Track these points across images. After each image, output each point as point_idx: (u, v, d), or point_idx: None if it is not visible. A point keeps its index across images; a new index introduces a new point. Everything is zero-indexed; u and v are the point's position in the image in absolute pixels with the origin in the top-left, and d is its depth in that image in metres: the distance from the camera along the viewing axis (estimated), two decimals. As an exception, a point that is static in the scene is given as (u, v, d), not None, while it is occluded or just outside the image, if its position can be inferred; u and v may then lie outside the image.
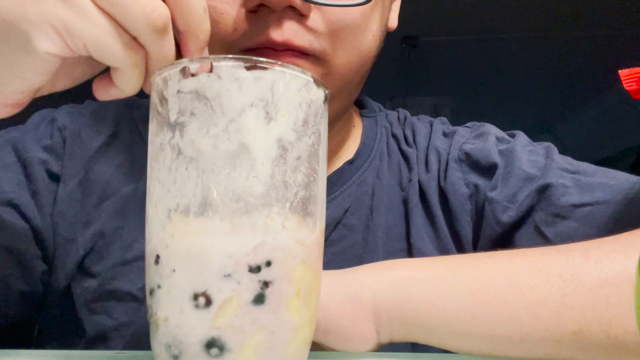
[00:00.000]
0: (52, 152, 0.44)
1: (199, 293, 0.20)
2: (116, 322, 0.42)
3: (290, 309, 0.21)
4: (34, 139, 0.44)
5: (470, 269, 0.33)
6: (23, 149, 0.43)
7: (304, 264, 0.22)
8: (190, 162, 0.21)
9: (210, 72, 0.21)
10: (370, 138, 0.51)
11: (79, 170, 0.44)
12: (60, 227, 0.43)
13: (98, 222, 0.44)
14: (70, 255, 0.43)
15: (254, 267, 0.20)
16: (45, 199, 0.43)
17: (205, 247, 0.20)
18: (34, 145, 0.44)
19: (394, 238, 0.47)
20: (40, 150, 0.44)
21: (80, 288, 0.43)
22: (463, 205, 0.46)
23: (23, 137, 0.44)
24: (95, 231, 0.43)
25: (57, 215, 0.43)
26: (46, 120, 0.46)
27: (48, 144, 0.44)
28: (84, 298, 0.43)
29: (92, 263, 0.43)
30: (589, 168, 0.45)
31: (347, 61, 0.40)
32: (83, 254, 0.43)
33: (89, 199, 0.44)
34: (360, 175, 0.48)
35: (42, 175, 0.43)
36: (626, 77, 0.36)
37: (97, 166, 0.45)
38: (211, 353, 0.21)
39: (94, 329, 0.42)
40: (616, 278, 0.29)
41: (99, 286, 0.42)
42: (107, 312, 0.42)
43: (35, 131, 0.45)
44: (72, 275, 0.43)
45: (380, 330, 0.32)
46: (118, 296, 0.42)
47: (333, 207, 0.46)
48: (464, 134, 0.50)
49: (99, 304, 0.42)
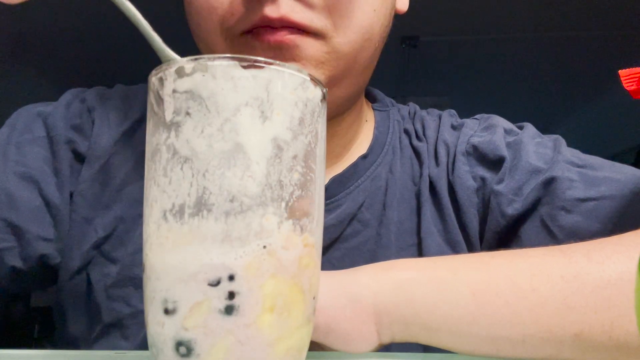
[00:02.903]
0: (80, 131, 0.45)
1: (168, 300, 0.21)
2: (134, 309, 0.42)
3: (261, 323, 0.21)
4: (64, 116, 0.45)
5: (471, 270, 0.32)
6: (52, 125, 0.44)
7: (275, 277, 0.21)
8: (185, 162, 0.21)
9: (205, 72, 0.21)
10: (383, 132, 0.51)
11: (105, 153, 0.45)
12: (79, 206, 0.44)
13: (119, 206, 0.44)
14: (88, 236, 0.43)
15: (217, 280, 0.20)
16: (67, 178, 0.44)
17: (177, 256, 0.21)
18: (63, 123, 0.45)
19: (405, 233, 0.46)
20: (69, 129, 0.45)
21: (100, 274, 0.43)
22: (470, 198, 0.46)
23: (54, 114, 0.45)
24: (116, 215, 0.44)
25: (78, 194, 0.44)
26: (77, 99, 0.47)
27: (77, 123, 0.45)
28: (104, 284, 0.43)
29: (113, 249, 0.43)
30: (596, 161, 0.44)
31: (349, 39, 0.38)
32: (103, 235, 0.43)
33: (112, 182, 0.44)
34: (374, 170, 0.48)
35: (67, 155, 0.44)
36: (626, 77, 0.35)
37: (122, 150, 0.45)
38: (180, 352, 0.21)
39: (110, 315, 0.43)
40: (619, 280, 0.29)
41: (118, 272, 0.43)
42: (125, 299, 0.43)
43: (66, 109, 0.46)
44: (90, 257, 0.43)
45: (381, 331, 0.32)
46: (137, 283, 0.42)
47: (348, 202, 0.46)
48: (472, 127, 0.50)
49: (118, 290, 0.43)
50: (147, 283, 0.22)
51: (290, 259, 0.21)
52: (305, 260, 0.22)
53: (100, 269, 0.43)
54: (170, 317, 0.21)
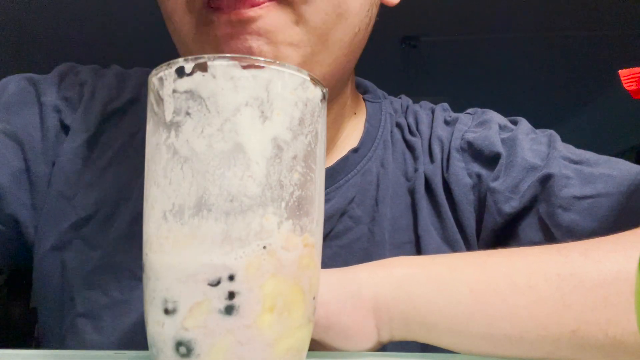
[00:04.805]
0: (69, 103, 0.45)
1: (168, 300, 0.21)
2: (110, 300, 0.41)
3: (261, 324, 0.21)
4: (56, 85, 0.45)
5: (469, 268, 0.33)
6: (43, 91, 0.44)
7: (275, 277, 0.21)
8: (185, 162, 0.21)
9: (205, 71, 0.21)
10: (374, 125, 0.49)
11: (90, 128, 0.44)
12: (57, 179, 0.42)
13: (102, 187, 0.43)
14: (66, 214, 0.42)
15: (217, 281, 0.20)
16: (52, 147, 0.43)
17: (177, 256, 0.21)
18: (54, 91, 0.44)
19: (400, 230, 0.46)
20: (59, 99, 0.44)
21: (78, 260, 0.42)
22: (466, 195, 0.45)
23: (46, 80, 0.45)
24: (99, 197, 0.43)
25: (57, 167, 0.43)
26: (72, 72, 0.47)
27: (67, 95, 0.45)
28: (82, 270, 0.41)
29: (93, 233, 0.42)
30: (592, 157, 0.44)
31: (317, 7, 0.35)
32: (84, 216, 0.42)
33: (97, 161, 0.44)
34: (365, 164, 0.47)
35: (55, 123, 0.43)
36: (626, 77, 0.35)
37: (111, 129, 0.45)
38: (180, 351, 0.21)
39: (84, 304, 0.41)
40: (615, 278, 0.29)
41: (99, 259, 0.41)
42: (103, 288, 0.41)
43: (59, 79, 0.46)
44: (67, 239, 0.42)
45: (380, 327, 0.32)
46: (118, 272, 0.41)
47: (337, 197, 0.45)
48: (466, 122, 0.49)
49: (96, 277, 0.41)
50: (147, 283, 0.22)
51: (290, 259, 0.21)
52: (306, 260, 0.22)
53: (79, 254, 0.42)
54: (170, 317, 0.21)
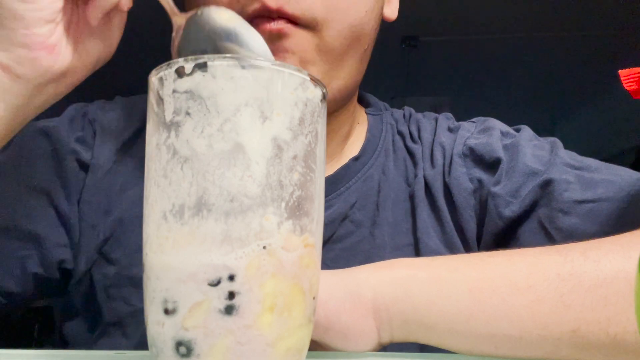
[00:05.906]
0: (83, 142, 0.47)
1: (168, 300, 0.21)
2: (133, 308, 0.43)
3: (261, 324, 0.21)
4: (68, 130, 0.47)
5: (469, 269, 0.33)
6: (57, 139, 0.46)
7: (275, 277, 0.21)
8: (185, 162, 0.21)
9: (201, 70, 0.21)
10: (376, 135, 0.51)
11: (108, 161, 0.47)
12: (85, 214, 0.45)
13: (118, 209, 0.45)
14: (92, 240, 0.45)
15: (217, 280, 0.20)
16: (74, 188, 0.46)
17: (177, 256, 0.21)
18: (67, 136, 0.47)
19: (401, 233, 0.47)
20: (73, 141, 0.47)
21: (100, 274, 0.45)
22: (467, 200, 0.46)
23: (58, 128, 0.47)
24: (115, 218, 0.45)
25: (84, 202, 0.45)
26: (79, 114, 0.49)
27: (80, 135, 0.47)
28: (103, 284, 0.44)
29: (112, 250, 0.45)
30: (594, 164, 0.44)
31: (337, 34, 0.40)
32: (103, 239, 0.45)
33: (113, 188, 0.46)
34: (366, 171, 0.49)
35: (72, 165, 0.46)
36: (626, 77, 0.35)
37: (124, 158, 0.47)
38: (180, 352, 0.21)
39: (111, 315, 0.44)
40: (615, 278, 0.29)
41: (117, 273, 0.44)
42: (125, 298, 0.44)
43: (70, 123, 0.48)
44: (93, 260, 0.45)
45: (380, 328, 0.33)
46: (135, 282, 0.43)
47: (339, 202, 0.47)
48: (468, 129, 0.51)
49: (117, 290, 0.44)
50: (147, 283, 0.22)
51: (290, 259, 0.21)
52: (306, 261, 0.22)
53: (100, 270, 0.45)
54: (170, 317, 0.21)
